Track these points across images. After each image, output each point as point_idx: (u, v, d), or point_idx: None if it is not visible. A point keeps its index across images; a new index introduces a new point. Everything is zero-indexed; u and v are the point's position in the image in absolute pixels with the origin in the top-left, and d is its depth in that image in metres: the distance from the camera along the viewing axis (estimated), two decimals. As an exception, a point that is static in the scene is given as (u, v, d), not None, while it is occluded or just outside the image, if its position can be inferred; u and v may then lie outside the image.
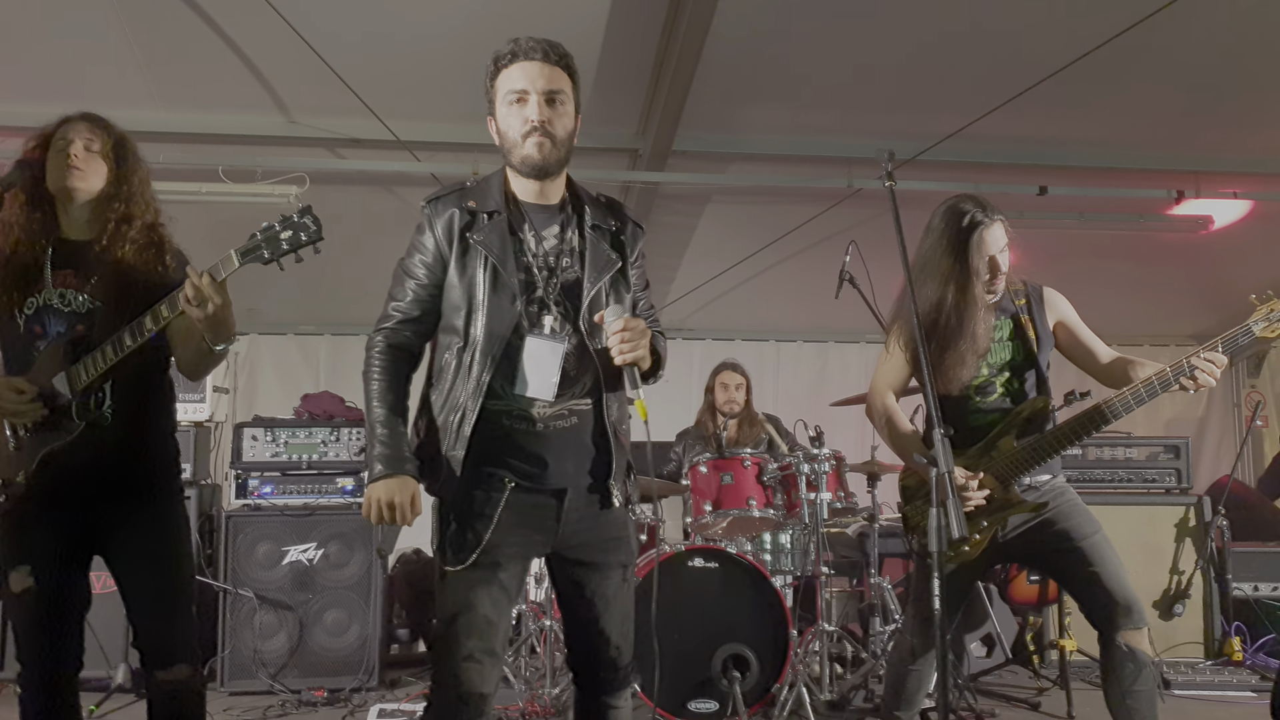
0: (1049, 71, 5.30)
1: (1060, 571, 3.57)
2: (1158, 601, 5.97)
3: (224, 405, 7.47)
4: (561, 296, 2.65)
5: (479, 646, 2.54)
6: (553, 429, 2.62)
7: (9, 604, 2.94)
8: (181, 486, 3.16)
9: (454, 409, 2.60)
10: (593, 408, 2.67)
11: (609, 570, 2.72)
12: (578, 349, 2.63)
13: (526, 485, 2.60)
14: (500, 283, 2.59)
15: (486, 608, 2.55)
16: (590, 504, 2.69)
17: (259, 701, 5.18)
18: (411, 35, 5.14)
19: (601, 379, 2.64)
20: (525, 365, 2.58)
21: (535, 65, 2.60)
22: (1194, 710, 5.12)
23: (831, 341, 8.86)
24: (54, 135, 2.98)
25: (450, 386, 2.62)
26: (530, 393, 2.58)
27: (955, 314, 3.41)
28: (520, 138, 2.60)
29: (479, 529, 2.56)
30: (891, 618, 5.27)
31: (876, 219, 5.76)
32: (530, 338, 2.59)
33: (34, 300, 2.93)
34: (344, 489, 5.72)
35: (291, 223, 2.70)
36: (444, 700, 2.56)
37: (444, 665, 2.57)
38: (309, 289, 7.24)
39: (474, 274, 2.62)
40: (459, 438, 2.57)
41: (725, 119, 5.99)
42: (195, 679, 3.02)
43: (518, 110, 2.60)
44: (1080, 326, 3.59)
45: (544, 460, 2.60)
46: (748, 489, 4.89)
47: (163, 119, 5.60)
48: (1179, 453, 6.32)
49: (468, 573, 2.55)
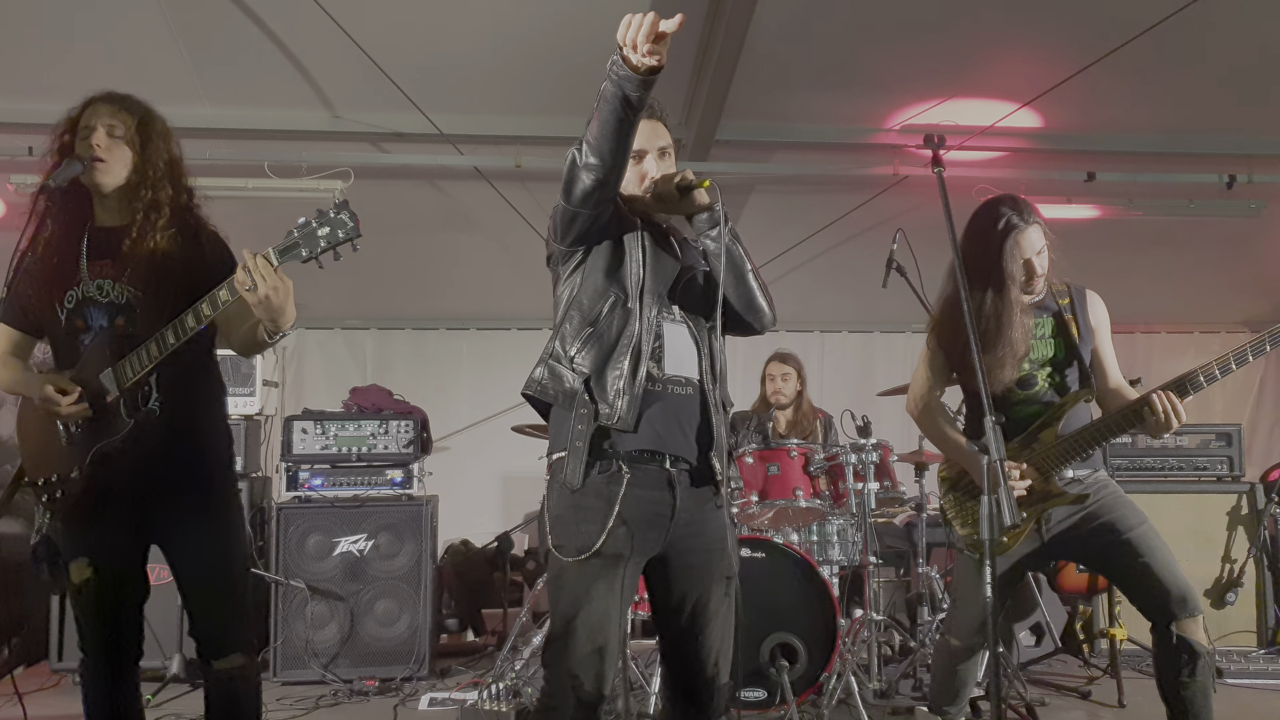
0: (1098, 55, 5.24)
1: (1110, 565, 3.53)
2: (1210, 590, 5.90)
3: (273, 399, 7.56)
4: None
5: (599, 644, 2.51)
6: (672, 394, 2.66)
7: (71, 595, 2.98)
8: (235, 476, 3.18)
9: (632, 340, 2.63)
10: (699, 382, 2.71)
11: (713, 580, 2.69)
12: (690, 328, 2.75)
13: (642, 458, 2.61)
14: (660, 254, 2.75)
15: (607, 602, 2.53)
16: (697, 500, 2.69)
17: (311, 691, 5.24)
18: (455, 29, 5.16)
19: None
20: (668, 349, 2.68)
21: (648, 124, 2.76)
22: (1247, 699, 5.06)
23: (877, 331, 8.80)
24: (79, 120, 2.95)
25: (618, 318, 2.67)
26: (679, 372, 2.68)
27: (994, 318, 3.41)
28: (641, 192, 2.76)
29: (598, 520, 2.55)
30: (940, 606, 5.25)
31: (923, 207, 5.72)
32: (667, 324, 2.70)
33: (73, 294, 2.92)
34: (393, 480, 5.77)
35: (329, 219, 2.68)
36: (559, 703, 2.52)
37: (560, 665, 2.52)
38: (354, 284, 7.30)
39: (631, 230, 2.75)
40: (632, 361, 2.61)
41: (769, 107, 5.97)
42: (250, 668, 3.05)
43: (633, 168, 2.74)
44: (1106, 342, 3.60)
45: (663, 421, 2.63)
46: (794, 479, 4.88)
47: (209, 115, 5.65)
48: (1231, 440, 6.24)
49: (587, 565, 2.53)
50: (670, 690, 2.80)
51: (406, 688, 5.32)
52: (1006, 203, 3.47)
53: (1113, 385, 3.55)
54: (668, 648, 2.78)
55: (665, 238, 2.80)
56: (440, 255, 7.37)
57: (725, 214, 2.71)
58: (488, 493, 7.94)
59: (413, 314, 8.32)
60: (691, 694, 2.73)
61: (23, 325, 3.06)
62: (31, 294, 2.94)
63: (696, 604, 2.68)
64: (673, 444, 2.64)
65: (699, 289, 2.80)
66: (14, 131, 5.44)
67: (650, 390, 2.63)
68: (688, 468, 2.67)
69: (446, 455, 7.52)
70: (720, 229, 2.71)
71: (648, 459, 2.62)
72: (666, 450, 2.63)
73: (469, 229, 6.99)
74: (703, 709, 2.72)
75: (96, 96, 2.98)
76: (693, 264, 2.82)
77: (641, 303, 2.65)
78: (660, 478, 2.63)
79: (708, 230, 2.73)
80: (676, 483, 2.64)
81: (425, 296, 8.01)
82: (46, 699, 5.12)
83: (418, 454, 5.81)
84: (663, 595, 2.74)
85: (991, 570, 2.48)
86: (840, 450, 4.95)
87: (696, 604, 2.68)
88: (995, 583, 2.55)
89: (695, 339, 2.74)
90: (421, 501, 5.71)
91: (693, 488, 2.69)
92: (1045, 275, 3.47)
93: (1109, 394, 3.54)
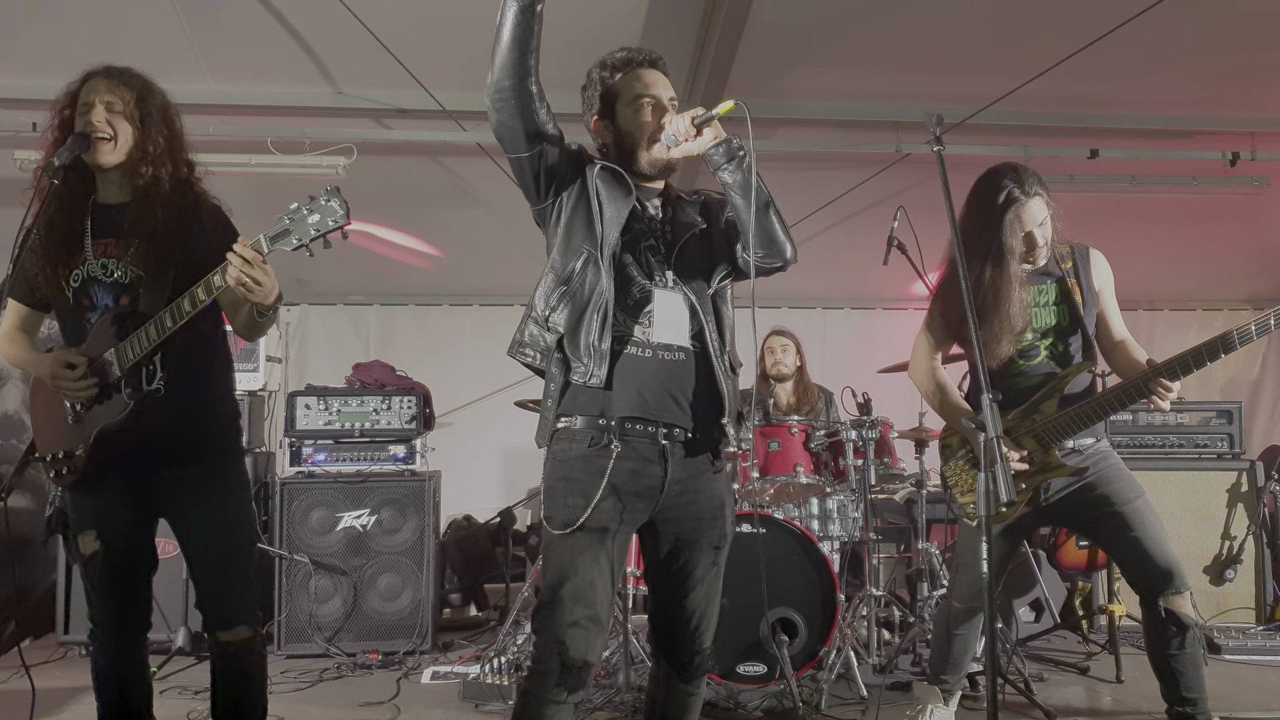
0: (1101, 32, 5.22)
1: (1102, 536, 3.57)
2: (1209, 567, 5.93)
3: (277, 374, 7.59)
4: (666, 250, 2.76)
5: (584, 613, 2.54)
6: (662, 359, 2.66)
7: (80, 567, 3.02)
8: (242, 449, 3.20)
9: (598, 300, 2.63)
10: (701, 350, 2.72)
11: (700, 549, 2.74)
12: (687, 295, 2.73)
13: (634, 430, 2.63)
14: (616, 214, 2.70)
15: (592, 573, 2.56)
16: (691, 470, 2.71)
17: (315, 664, 5.28)
18: (457, 4, 5.15)
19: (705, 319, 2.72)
20: (658, 316, 2.68)
21: (655, 74, 2.78)
22: (1246, 674, 5.08)
23: (879, 308, 8.83)
24: (79, 95, 2.94)
25: (587, 277, 2.66)
26: (666, 339, 2.68)
27: (992, 292, 3.41)
28: (649, 138, 2.72)
29: (585, 493, 2.58)
30: (939, 583, 5.28)
31: (925, 184, 5.72)
32: (658, 291, 2.70)
33: (79, 273, 2.95)
34: (396, 456, 5.79)
35: (319, 206, 2.70)
36: (546, 666, 2.55)
37: (548, 631, 2.56)
38: (358, 259, 7.31)
39: (595, 193, 2.72)
40: (602, 322, 2.61)
41: (771, 84, 5.96)
42: (256, 640, 3.08)
43: (650, 112, 2.73)
44: (1110, 299, 3.60)
45: (650, 386, 2.64)
46: (795, 455, 4.91)
47: (212, 91, 5.65)
48: (1231, 417, 6.25)
49: (573, 538, 2.57)
50: (654, 649, 2.88)
51: (409, 661, 5.36)
52: (1008, 173, 3.45)
53: (1118, 339, 3.55)
54: (653, 607, 2.86)
55: (624, 186, 2.73)
56: (443, 231, 7.37)
57: (743, 144, 2.68)
58: (490, 468, 7.98)
59: (416, 290, 8.34)
60: (671, 654, 2.81)
61: (31, 301, 3.08)
62: (38, 272, 2.95)
63: (683, 568, 2.74)
64: (663, 411, 2.65)
65: (697, 250, 2.79)
66: (17, 107, 5.45)
67: (639, 356, 2.65)
68: (683, 437, 2.69)
69: (449, 431, 7.56)
70: (740, 159, 2.68)
71: (639, 429, 2.64)
72: (657, 418, 2.65)
73: (472, 205, 6.99)
74: (681, 669, 2.81)
75: (94, 71, 2.98)
76: (690, 222, 2.80)
77: (602, 255, 2.65)
78: (652, 450, 2.65)
79: (725, 164, 2.68)
80: (669, 455, 2.66)
81: (428, 273, 8.02)
82: (53, 671, 5.15)
83: (420, 429, 5.84)
84: (651, 555, 2.80)
85: (988, 546, 2.50)
86: (841, 427, 4.98)
87: (683, 568, 2.74)
88: (992, 553, 2.57)
89: (693, 304, 2.73)
90: (424, 477, 5.73)
91: (687, 458, 2.70)
92: (1049, 244, 3.47)
93: (1115, 349, 3.55)
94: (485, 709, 4.43)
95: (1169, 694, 3.41)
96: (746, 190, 2.67)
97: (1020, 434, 3.46)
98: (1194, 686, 3.36)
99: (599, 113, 2.82)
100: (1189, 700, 3.37)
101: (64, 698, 4.62)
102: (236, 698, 3.09)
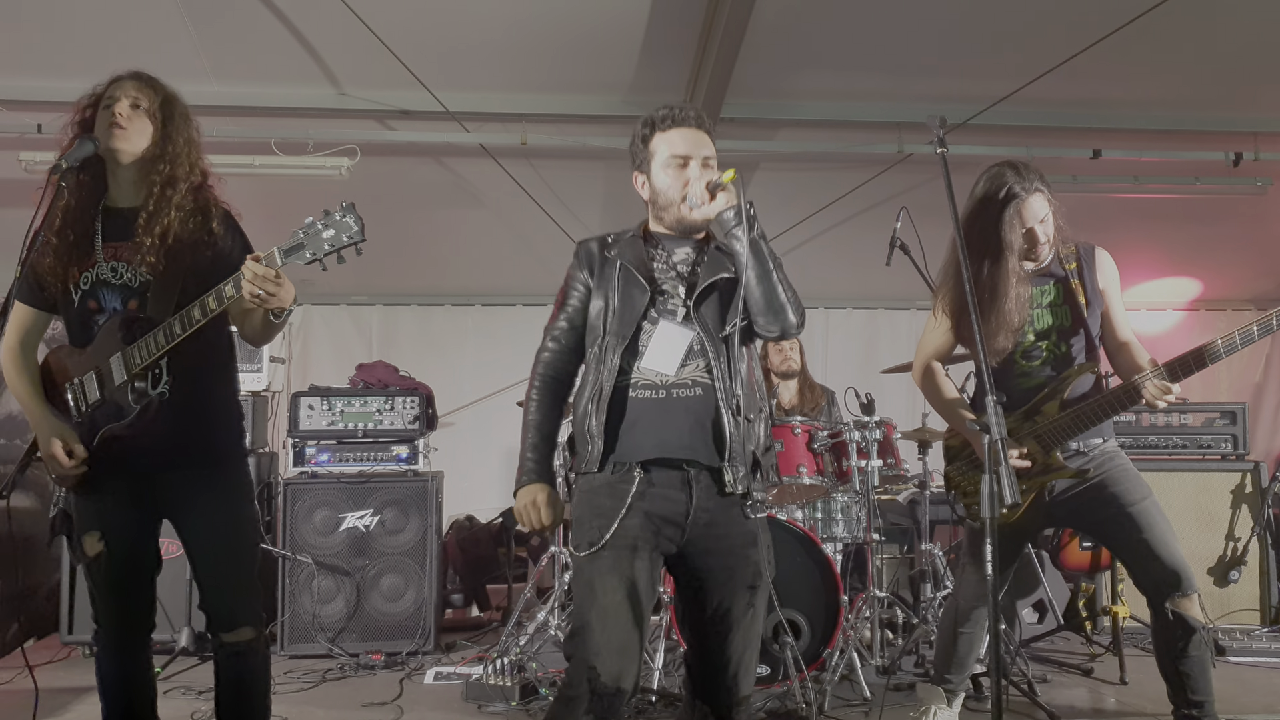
0: (1103, 33, 5.22)
1: (1108, 537, 3.56)
2: (1213, 568, 5.92)
3: (280, 375, 7.59)
4: (687, 290, 2.78)
5: (615, 636, 2.52)
6: (677, 397, 2.67)
7: (84, 568, 3.02)
8: (245, 451, 3.20)
9: (595, 391, 2.69)
10: (713, 384, 2.70)
11: (735, 589, 2.68)
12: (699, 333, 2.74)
13: (655, 463, 2.64)
14: (631, 278, 2.76)
15: (620, 593, 2.54)
16: (722, 504, 2.69)
17: (318, 665, 5.28)
18: (461, 6, 5.15)
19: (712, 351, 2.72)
20: (653, 344, 2.70)
21: (692, 132, 2.82)
22: (1250, 677, 5.07)
23: (881, 308, 8.80)
24: (104, 94, 2.96)
25: (594, 374, 2.73)
26: (654, 366, 2.69)
27: (990, 287, 3.40)
28: (679, 199, 2.79)
29: (610, 515, 2.59)
30: (942, 584, 5.27)
31: (927, 184, 5.71)
32: (663, 321, 2.72)
33: (88, 275, 2.94)
34: (399, 456, 5.79)
35: (334, 221, 2.72)
36: (576, 692, 2.53)
37: (579, 656, 2.55)
38: (360, 260, 7.23)
39: (610, 278, 2.78)
40: (598, 408, 2.66)
41: (773, 85, 5.96)
42: (259, 641, 3.08)
43: (678, 173, 2.79)
44: (1115, 300, 3.57)
45: (670, 427, 2.65)
46: (798, 456, 4.90)
47: (215, 92, 5.65)
48: (1235, 418, 6.24)
49: (598, 557, 2.58)
50: (690, 693, 2.81)
51: (412, 662, 5.37)
52: (1009, 169, 3.44)
53: (1123, 340, 3.53)
54: (690, 651, 2.81)
55: (637, 276, 2.78)
56: (446, 232, 7.38)
57: (749, 211, 2.71)
58: (493, 468, 7.96)
59: (418, 290, 8.34)
60: (710, 699, 2.74)
61: (38, 303, 3.07)
62: (46, 273, 2.95)
63: (717, 609, 2.69)
64: (679, 449, 2.66)
65: (720, 295, 2.79)
66: (23, 109, 5.46)
67: (652, 399, 2.67)
68: (707, 470, 2.68)
69: (452, 431, 7.56)
70: (742, 227, 2.70)
71: (661, 467, 2.66)
72: (674, 456, 2.65)
73: (474, 206, 7.00)
74: (720, 716, 2.73)
75: (123, 74, 3.01)
76: (720, 267, 2.81)
77: (603, 346, 2.73)
78: (675, 479, 2.65)
79: (732, 229, 2.72)
80: (694, 483, 2.66)
81: (431, 273, 8.03)
82: (57, 671, 5.16)
83: (423, 430, 5.84)
84: (686, 596, 2.77)
85: (993, 549, 2.49)
86: (844, 427, 4.97)
87: (717, 609, 2.69)
88: (997, 553, 2.56)
89: (705, 344, 2.71)
90: (427, 477, 5.74)
91: (717, 493, 2.68)
92: (1050, 242, 3.46)
93: (1120, 350, 3.53)
94: (488, 710, 4.43)
95: (1176, 697, 3.40)
96: (750, 253, 2.71)
97: (1022, 435, 3.45)
98: (1201, 690, 3.35)
99: (638, 169, 2.89)
100: (1196, 703, 3.35)
101: (68, 698, 4.63)
102: (240, 698, 3.08)
